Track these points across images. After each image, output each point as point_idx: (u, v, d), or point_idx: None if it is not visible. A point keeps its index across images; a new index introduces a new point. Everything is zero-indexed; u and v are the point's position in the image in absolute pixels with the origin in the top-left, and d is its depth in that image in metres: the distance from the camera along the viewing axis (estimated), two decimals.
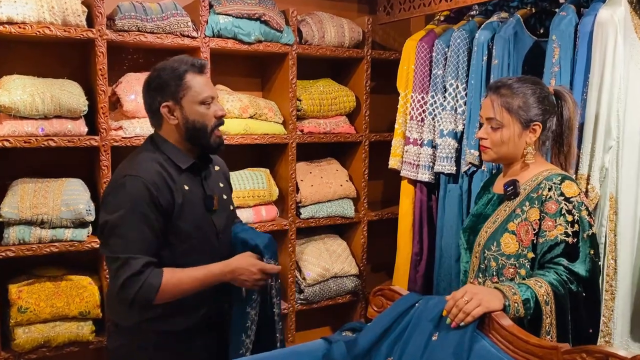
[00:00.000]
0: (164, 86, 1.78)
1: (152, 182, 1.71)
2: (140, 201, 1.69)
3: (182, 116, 1.80)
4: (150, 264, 1.68)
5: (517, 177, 1.82)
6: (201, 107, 1.80)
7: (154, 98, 1.81)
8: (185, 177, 1.82)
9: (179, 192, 1.77)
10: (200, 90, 1.79)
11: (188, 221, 1.78)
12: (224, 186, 1.99)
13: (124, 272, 1.65)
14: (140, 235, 1.68)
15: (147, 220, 1.69)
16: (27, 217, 2.33)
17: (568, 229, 1.64)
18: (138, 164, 1.77)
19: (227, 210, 1.98)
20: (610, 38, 1.91)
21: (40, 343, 2.40)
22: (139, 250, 1.67)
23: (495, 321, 1.48)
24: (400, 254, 2.87)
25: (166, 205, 1.73)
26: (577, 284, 1.61)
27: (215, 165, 1.99)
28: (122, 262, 1.66)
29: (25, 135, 2.32)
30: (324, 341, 1.73)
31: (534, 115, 1.74)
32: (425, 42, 2.67)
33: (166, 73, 1.79)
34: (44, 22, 2.30)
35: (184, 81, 1.78)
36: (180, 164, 1.81)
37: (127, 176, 1.72)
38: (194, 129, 1.81)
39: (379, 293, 1.87)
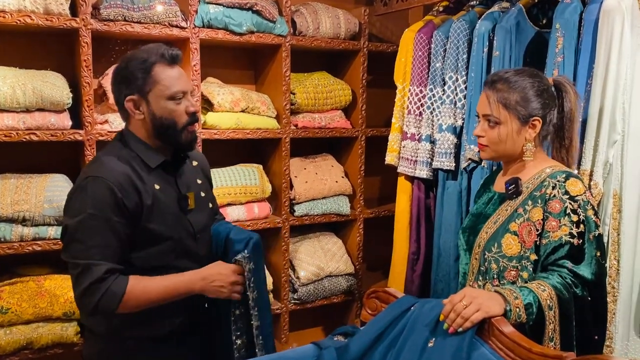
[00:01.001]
0: (130, 78, 1.65)
1: (117, 184, 1.60)
2: (103, 204, 1.58)
3: (149, 111, 1.67)
4: (113, 270, 1.58)
5: (519, 174, 1.73)
6: (169, 102, 1.67)
7: (120, 90, 1.69)
8: (156, 176, 1.71)
9: (148, 192, 1.66)
10: (169, 84, 1.66)
11: (159, 223, 1.67)
12: (202, 183, 1.87)
13: (85, 279, 1.56)
14: (102, 240, 1.57)
15: (110, 224, 1.58)
16: (7, 214, 2.24)
17: (573, 230, 1.55)
18: (102, 164, 1.65)
19: (206, 208, 1.86)
20: (617, 26, 1.82)
21: (22, 345, 2.31)
22: (101, 256, 1.57)
23: (496, 327, 1.39)
24: (396, 253, 2.78)
25: (133, 208, 1.62)
26: (582, 288, 1.52)
27: (192, 161, 1.87)
28: (82, 268, 1.57)
29: (6, 128, 2.23)
30: (314, 346, 1.64)
31: (533, 109, 1.64)
32: (424, 33, 2.57)
33: (133, 64, 1.65)
34: (24, 10, 2.21)
35: (152, 74, 1.64)
36: (149, 163, 1.70)
37: (89, 177, 1.61)
38: (162, 126, 1.68)
39: (373, 295, 1.78)
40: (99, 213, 1.57)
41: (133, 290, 1.59)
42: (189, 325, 1.80)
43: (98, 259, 1.56)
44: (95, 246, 1.57)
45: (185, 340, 1.79)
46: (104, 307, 1.57)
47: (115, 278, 1.58)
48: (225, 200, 2.67)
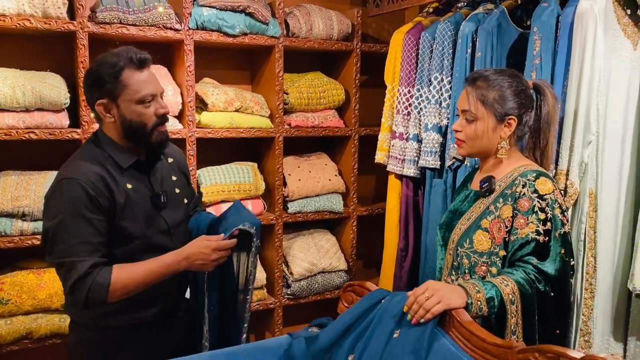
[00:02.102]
0: (101, 82, 1.70)
1: (89, 183, 1.65)
2: (78, 204, 1.63)
3: (119, 115, 1.72)
4: (97, 264, 1.64)
5: (493, 172, 1.78)
6: (138, 106, 1.71)
7: (91, 94, 1.74)
8: (129, 176, 1.76)
9: (121, 192, 1.71)
10: (137, 88, 1.70)
11: (132, 220, 1.73)
12: (177, 179, 1.92)
13: (72, 276, 1.62)
14: (82, 237, 1.63)
15: (88, 222, 1.64)
16: (8, 209, 2.34)
17: (540, 227, 1.59)
18: (75, 166, 1.71)
19: (181, 205, 1.91)
20: (590, 29, 1.85)
21: (22, 334, 2.41)
22: (84, 252, 1.63)
23: (456, 319, 1.44)
24: (387, 250, 2.84)
25: (107, 206, 1.68)
26: (545, 284, 1.56)
27: (168, 158, 1.92)
28: (67, 266, 1.63)
29: (6, 127, 2.33)
30: (288, 337, 1.71)
31: (509, 108, 1.68)
32: (412, 34, 2.62)
33: (103, 68, 1.70)
34: (23, 14, 2.30)
35: (121, 79, 1.69)
36: (121, 163, 1.75)
37: (63, 180, 1.67)
38: (131, 129, 1.73)
39: (349, 289, 1.84)
40: (76, 212, 1.62)
41: (118, 278, 1.64)
42: (167, 312, 1.86)
43: (81, 256, 1.62)
44: (77, 244, 1.62)
45: (164, 326, 1.85)
46: (94, 299, 1.63)
47: (99, 270, 1.63)
48: (219, 197, 2.75)
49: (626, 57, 1.94)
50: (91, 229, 1.64)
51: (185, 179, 2.00)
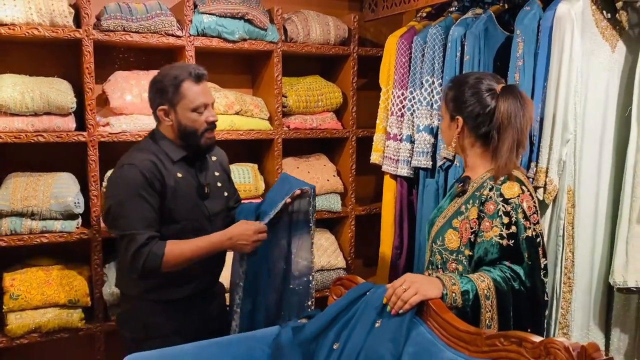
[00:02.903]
0: (163, 91, 1.99)
1: (145, 168, 1.93)
2: (137, 185, 1.91)
3: (176, 119, 2.01)
4: (153, 237, 1.91)
5: (470, 173, 1.83)
6: (193, 114, 1.99)
7: (154, 100, 2.03)
8: (179, 168, 2.03)
9: (171, 178, 1.99)
10: (193, 98, 1.98)
11: (180, 204, 2.00)
12: (219, 175, 2.18)
13: (131, 247, 1.88)
14: (140, 213, 1.90)
15: (145, 200, 1.91)
16: (18, 208, 2.45)
17: (503, 231, 1.63)
18: (134, 155, 2.00)
19: (221, 196, 2.17)
20: (568, 33, 1.93)
21: (31, 328, 2.52)
22: (142, 226, 1.89)
23: (432, 308, 1.53)
24: (383, 248, 2.92)
25: (159, 188, 1.95)
26: (519, 282, 1.62)
27: (212, 157, 2.20)
28: (128, 238, 1.90)
29: (16, 131, 2.44)
30: (279, 327, 1.80)
31: (457, 109, 1.75)
32: (405, 38, 2.71)
33: (167, 79, 1.99)
34: (32, 23, 2.42)
35: (180, 89, 1.97)
36: (172, 156, 2.02)
37: (124, 165, 1.96)
38: (185, 132, 2.01)
39: (338, 283, 1.93)
40: (134, 192, 1.91)
41: (171, 251, 1.89)
42: (199, 293, 2.09)
43: (140, 229, 1.89)
44: (136, 218, 1.90)
45: (197, 306, 2.09)
46: (150, 267, 1.89)
47: (155, 242, 1.90)
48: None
49: (604, 59, 2.01)
50: (147, 205, 1.92)
51: (226, 175, 2.26)
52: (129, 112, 2.65)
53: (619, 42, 2.04)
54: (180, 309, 2.07)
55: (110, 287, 2.63)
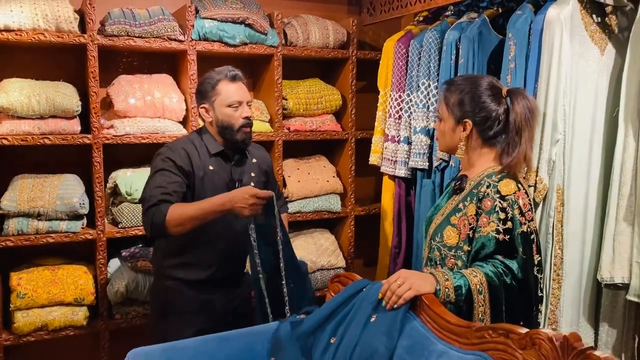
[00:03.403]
0: (203, 92, 2.24)
1: (177, 153, 2.16)
2: (164, 163, 2.14)
3: (215, 116, 2.23)
4: (163, 200, 2.05)
5: (467, 172, 1.89)
6: (228, 109, 2.20)
7: (197, 100, 2.29)
8: (214, 161, 2.23)
9: (201, 168, 2.19)
10: (227, 95, 2.20)
11: (206, 193, 2.15)
12: (254, 175, 2.34)
13: (144, 206, 2.09)
14: (159, 184, 2.09)
15: (167, 174, 2.11)
16: (25, 209, 2.52)
17: (500, 227, 1.69)
18: (176, 141, 2.27)
19: None
20: (557, 36, 1.98)
21: (38, 326, 2.59)
22: (157, 193, 2.06)
23: (425, 303, 1.58)
24: (382, 248, 2.98)
25: (187, 172, 2.15)
26: (511, 277, 1.67)
27: (253, 158, 2.37)
28: (144, 200, 2.10)
29: (23, 133, 2.51)
30: (278, 323, 1.85)
31: (465, 112, 1.79)
32: (402, 42, 2.77)
33: (206, 81, 2.23)
34: (38, 29, 2.49)
35: (217, 88, 2.21)
36: (210, 149, 2.23)
37: (164, 147, 2.22)
38: (223, 127, 2.22)
39: (336, 280, 1.99)
40: (161, 168, 2.13)
41: (175, 210, 2.02)
42: (224, 277, 2.24)
43: (154, 194, 2.06)
44: (155, 187, 2.09)
45: (219, 289, 2.22)
46: (156, 223, 2.03)
47: (163, 203, 2.04)
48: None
49: (594, 61, 2.06)
50: (167, 178, 2.11)
51: (265, 177, 2.41)
52: (133, 115, 2.72)
53: (608, 45, 2.09)
54: (200, 290, 2.22)
55: (115, 286, 2.69)
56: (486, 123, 1.80)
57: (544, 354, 1.21)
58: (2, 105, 2.45)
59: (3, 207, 2.49)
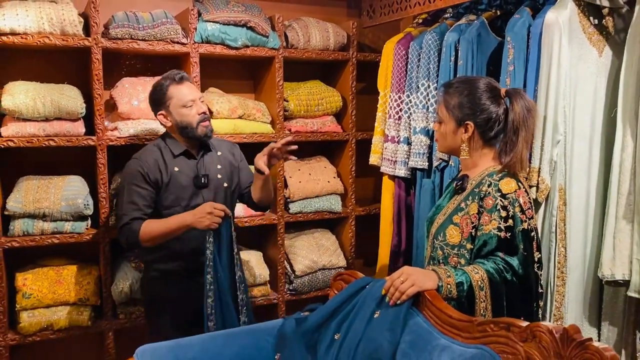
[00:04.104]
0: (157, 100, 2.36)
1: (145, 163, 2.31)
2: (133, 176, 2.30)
3: (173, 119, 2.35)
4: (136, 218, 2.26)
5: (468, 172, 1.93)
6: (183, 109, 2.33)
7: (154, 109, 2.40)
8: (178, 161, 2.37)
9: (167, 172, 2.33)
10: (180, 97, 2.32)
11: (173, 193, 2.33)
12: (221, 168, 2.45)
13: (119, 224, 2.30)
14: (131, 199, 2.28)
15: (137, 189, 2.28)
16: (30, 210, 2.55)
17: (501, 224, 1.73)
18: (143, 151, 2.39)
19: (220, 187, 2.44)
20: (556, 39, 2.02)
21: (43, 326, 2.62)
22: (129, 209, 2.27)
23: (427, 299, 1.62)
24: (382, 247, 3.01)
25: (154, 180, 2.31)
26: (512, 274, 1.71)
27: (217, 151, 2.47)
28: (118, 217, 2.33)
29: (28, 135, 2.54)
30: (282, 320, 1.89)
31: (466, 114, 1.83)
32: (402, 44, 2.81)
33: (157, 89, 2.36)
34: (44, 32, 2.52)
35: (168, 93, 2.33)
36: (173, 151, 2.37)
37: (132, 159, 2.36)
38: (183, 127, 2.35)
39: (339, 278, 2.02)
40: (130, 182, 2.30)
41: (146, 227, 2.24)
42: (191, 269, 2.34)
43: (127, 211, 2.27)
44: (126, 202, 2.29)
45: (194, 278, 2.30)
46: (131, 240, 2.26)
47: (135, 222, 2.25)
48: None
49: (592, 63, 2.10)
50: (137, 193, 2.28)
51: (231, 168, 2.51)
52: (136, 117, 2.75)
53: (606, 47, 2.14)
54: (175, 280, 2.38)
55: (119, 286, 2.72)
56: (487, 124, 1.84)
57: (545, 345, 1.25)
58: (8, 108, 2.48)
59: (9, 208, 2.52)
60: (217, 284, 2.17)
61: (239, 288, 2.26)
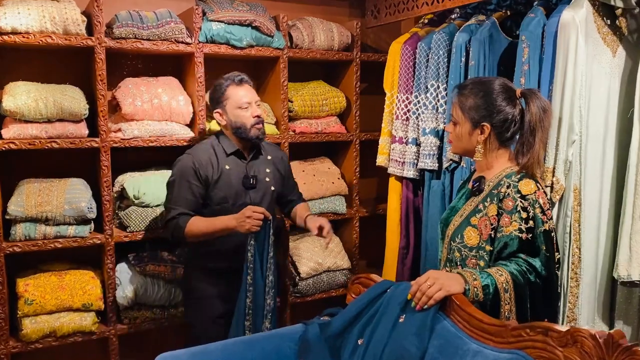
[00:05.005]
0: (215, 99, 2.46)
1: (198, 160, 2.39)
2: (186, 172, 2.37)
3: (228, 118, 2.44)
4: (184, 213, 2.34)
5: (484, 173, 1.91)
6: (239, 110, 2.41)
7: (211, 107, 2.50)
8: (230, 160, 2.44)
9: (218, 169, 2.40)
10: (237, 98, 2.41)
11: (222, 191, 2.40)
12: (269, 172, 2.54)
13: (166, 216, 2.40)
14: (182, 194, 2.36)
15: (189, 185, 2.36)
16: (32, 214, 2.48)
17: (522, 226, 1.72)
18: (196, 147, 2.48)
19: (267, 190, 2.52)
20: (572, 38, 2.01)
21: (46, 333, 2.55)
22: (179, 204, 2.35)
23: (455, 303, 1.60)
24: (388, 249, 2.99)
25: (206, 177, 2.39)
26: (535, 275, 1.70)
27: (267, 155, 2.56)
28: (167, 210, 2.42)
29: (30, 137, 2.48)
30: (302, 325, 1.86)
31: (482, 116, 1.81)
32: (409, 44, 2.79)
33: (216, 88, 2.45)
34: (46, 31, 2.46)
35: (226, 93, 2.42)
36: (226, 150, 2.44)
37: (186, 154, 2.43)
38: (237, 127, 2.43)
39: (356, 281, 1.99)
40: (183, 176, 2.37)
41: (192, 224, 2.32)
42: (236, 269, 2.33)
43: (176, 206, 2.36)
44: (177, 197, 2.37)
45: (235, 278, 2.33)
46: (176, 234, 2.35)
47: (182, 217, 2.33)
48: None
49: (606, 63, 2.10)
50: (189, 190, 2.36)
51: (279, 174, 2.60)
52: (140, 118, 2.69)
53: (619, 47, 2.13)
54: (219, 278, 2.43)
55: (124, 291, 2.67)
56: (504, 125, 1.83)
57: (587, 351, 1.23)
58: (9, 109, 2.42)
59: (10, 212, 2.45)
60: (254, 286, 2.25)
61: (268, 292, 2.27)
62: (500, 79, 1.89)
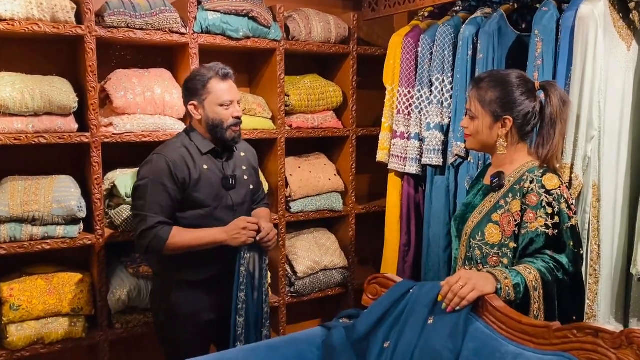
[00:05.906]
0: (193, 89, 2.19)
1: (172, 160, 2.12)
2: (161, 174, 2.10)
3: (204, 114, 2.19)
4: (163, 222, 2.09)
5: (503, 168, 1.86)
6: (219, 108, 2.18)
7: (186, 97, 2.24)
8: (206, 159, 2.21)
9: (197, 170, 2.16)
10: (219, 95, 2.17)
11: (203, 193, 2.17)
12: (245, 169, 2.34)
13: (141, 226, 2.09)
14: (157, 199, 2.09)
15: (165, 188, 2.10)
16: (18, 214, 2.33)
17: (548, 221, 1.68)
18: (167, 146, 2.20)
19: (246, 189, 2.32)
20: (591, 32, 1.98)
21: (33, 340, 2.41)
22: (154, 210, 2.08)
23: (489, 303, 1.54)
24: (388, 246, 2.93)
25: (182, 179, 2.13)
26: (562, 272, 1.66)
27: (241, 152, 2.36)
28: (141, 218, 2.10)
29: (15, 132, 2.32)
30: (322, 328, 1.77)
31: (502, 109, 1.77)
32: (411, 37, 2.72)
33: (196, 78, 2.19)
34: (32, 18, 2.30)
35: (208, 86, 2.17)
36: (201, 149, 2.20)
37: (155, 154, 2.16)
38: (213, 125, 2.19)
39: (373, 281, 1.92)
40: (157, 179, 2.10)
41: (174, 236, 2.08)
42: (218, 275, 2.20)
43: (153, 213, 2.08)
44: (152, 202, 2.09)
45: (214, 287, 2.21)
46: (154, 247, 2.09)
47: (162, 227, 2.08)
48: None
49: (622, 57, 2.08)
50: (165, 194, 2.10)
51: (254, 170, 2.41)
52: (132, 112, 2.56)
53: (633, 41, 2.11)
54: (200, 289, 2.20)
55: (116, 294, 2.53)
56: (525, 118, 1.80)
57: None
58: None
59: None
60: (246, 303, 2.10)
61: (265, 301, 2.15)
62: (517, 72, 1.85)
